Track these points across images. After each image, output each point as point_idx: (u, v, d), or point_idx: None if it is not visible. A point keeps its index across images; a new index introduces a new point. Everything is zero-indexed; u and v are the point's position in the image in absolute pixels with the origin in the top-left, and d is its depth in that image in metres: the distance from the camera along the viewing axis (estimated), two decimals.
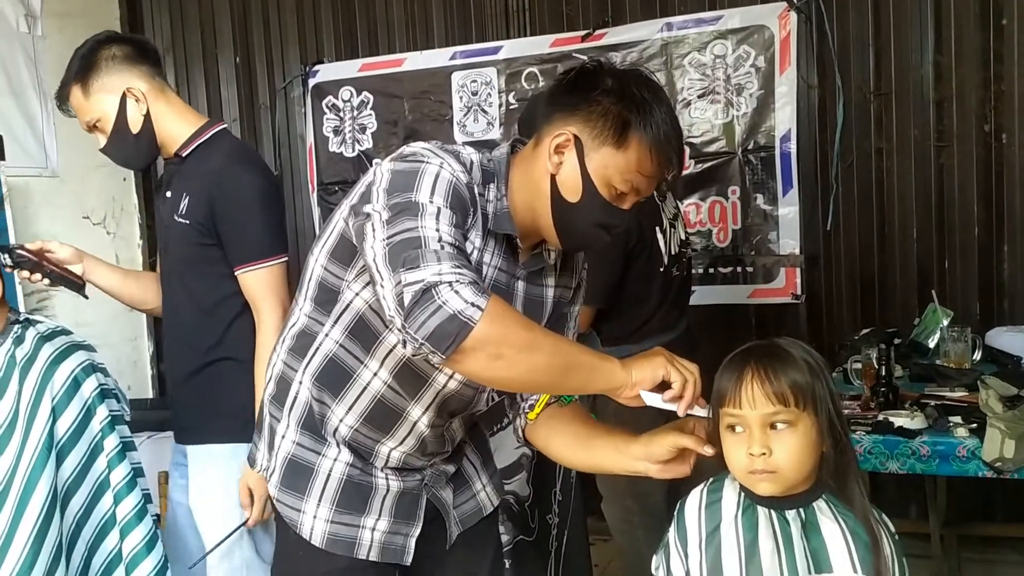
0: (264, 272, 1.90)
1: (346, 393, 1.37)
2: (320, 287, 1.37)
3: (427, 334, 1.10)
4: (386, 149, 3.56)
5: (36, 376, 1.83)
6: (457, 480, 1.55)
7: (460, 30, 3.45)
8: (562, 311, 1.53)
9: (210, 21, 3.86)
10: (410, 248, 1.15)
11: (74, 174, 3.70)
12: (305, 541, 1.40)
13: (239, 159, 1.94)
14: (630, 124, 1.27)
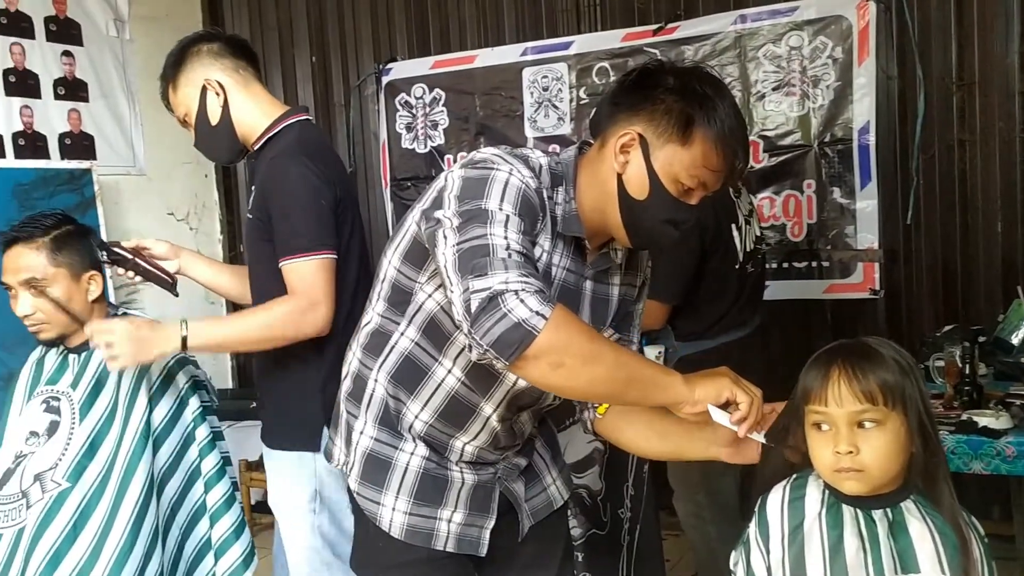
0: (302, 265, 1.79)
1: (421, 390, 1.41)
2: (393, 288, 1.41)
3: (492, 341, 1.13)
4: (457, 145, 3.60)
5: (134, 368, 1.91)
6: (528, 474, 1.58)
7: (531, 26, 3.47)
8: (627, 309, 1.54)
9: (287, 22, 3.96)
10: (479, 255, 1.18)
11: (159, 172, 3.84)
12: (384, 533, 1.44)
13: (293, 151, 1.88)
14: (694, 120, 1.28)
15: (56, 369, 1.98)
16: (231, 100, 1.93)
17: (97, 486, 1.81)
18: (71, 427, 1.88)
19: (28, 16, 3.32)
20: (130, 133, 3.72)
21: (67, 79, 3.46)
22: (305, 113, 1.99)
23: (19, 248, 1.88)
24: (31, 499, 1.80)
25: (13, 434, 1.94)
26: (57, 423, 1.89)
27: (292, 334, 1.80)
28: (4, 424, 1.99)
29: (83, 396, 1.90)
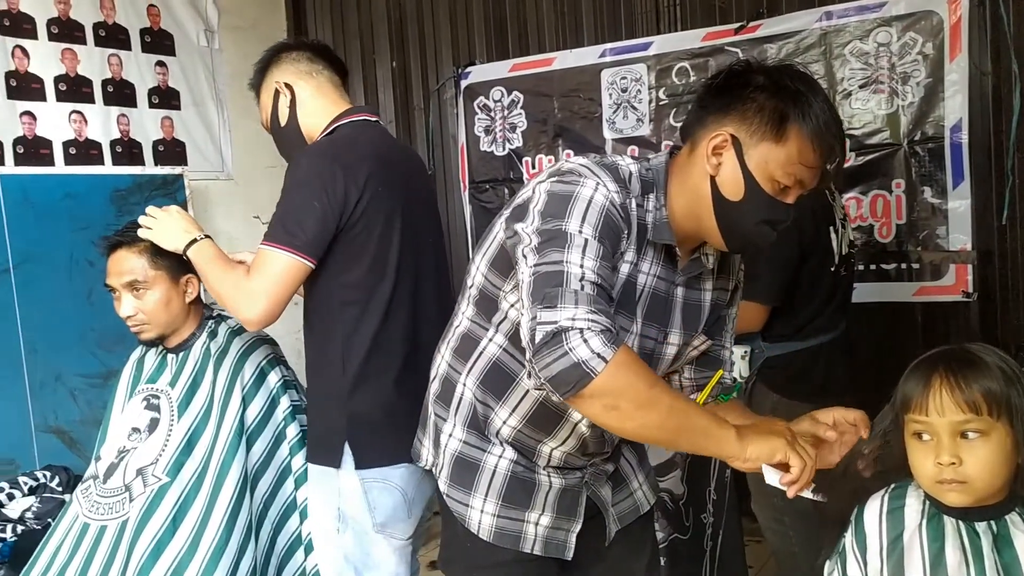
0: (267, 252, 1.69)
1: (509, 396, 1.42)
2: (481, 294, 1.43)
3: (550, 376, 1.16)
4: (536, 148, 3.62)
5: (228, 367, 1.98)
6: (615, 479, 1.58)
7: (610, 27, 3.46)
8: (719, 314, 1.53)
9: (368, 29, 4.03)
10: (552, 283, 1.19)
11: (245, 176, 3.95)
12: (473, 534, 1.46)
13: (313, 148, 1.83)
14: (788, 116, 1.26)
15: (156, 368, 2.06)
16: (299, 101, 1.94)
17: (194, 481, 1.88)
18: (170, 424, 1.95)
19: (125, 29, 3.46)
20: (218, 139, 3.84)
21: (160, 88, 3.60)
22: (366, 113, 1.94)
23: (122, 252, 1.96)
24: (133, 492, 1.88)
25: (116, 430, 2.02)
26: (157, 420, 1.97)
27: (230, 305, 1.75)
28: (108, 419, 2.08)
29: (181, 394, 1.98)
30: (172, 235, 1.85)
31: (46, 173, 3.08)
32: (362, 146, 1.84)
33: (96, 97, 3.36)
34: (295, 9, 4.18)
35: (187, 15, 3.69)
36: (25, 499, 2.65)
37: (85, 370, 3.07)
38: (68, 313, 3.03)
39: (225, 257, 1.83)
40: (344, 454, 1.78)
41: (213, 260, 1.80)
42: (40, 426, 2.93)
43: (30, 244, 2.95)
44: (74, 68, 3.28)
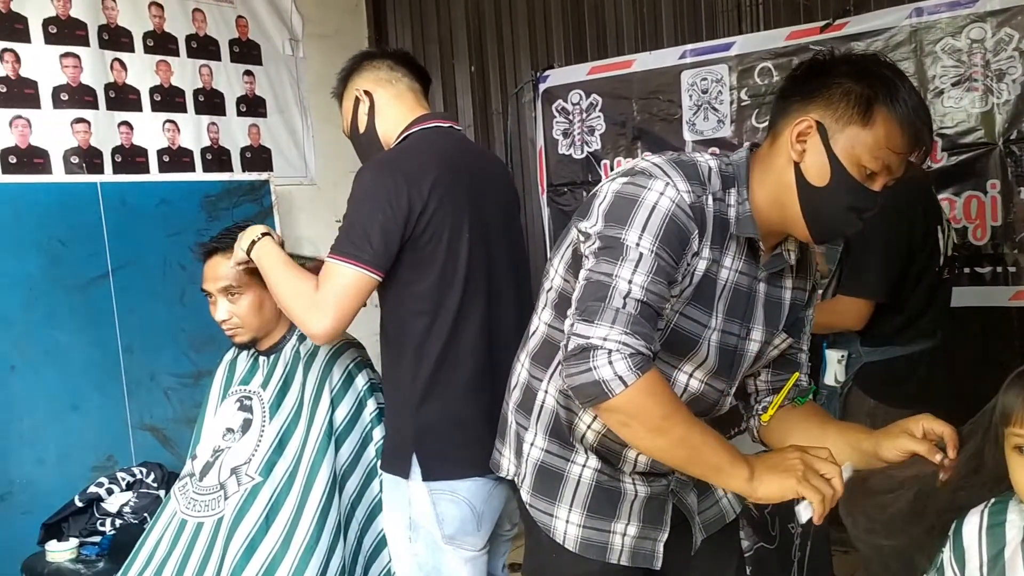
0: (335, 266, 1.69)
1: None
2: (560, 296, 1.43)
3: (572, 385, 1.21)
4: (614, 150, 3.60)
5: (318, 370, 2.02)
6: (700, 486, 1.55)
7: (690, 28, 3.42)
8: (797, 315, 1.50)
9: (448, 34, 4.07)
10: (596, 296, 1.21)
11: (328, 181, 4.04)
12: (558, 545, 1.46)
13: (378, 159, 1.82)
14: (875, 100, 1.23)
15: (248, 370, 2.12)
16: (377, 108, 1.94)
17: (286, 481, 1.93)
18: (262, 425, 2.01)
19: (215, 40, 3.58)
20: (303, 145, 3.94)
21: (248, 97, 3.71)
22: (438, 119, 1.93)
23: (217, 258, 2.03)
24: (228, 491, 1.94)
25: (211, 430, 2.09)
26: (250, 421, 2.03)
27: (296, 315, 1.75)
28: (202, 419, 2.16)
29: (272, 396, 2.03)
30: (240, 242, 1.89)
31: (142, 181, 3.21)
32: (429, 154, 1.82)
33: (188, 107, 3.48)
34: (376, 16, 4.25)
35: (273, 25, 3.80)
36: (123, 494, 2.75)
37: (178, 370, 3.19)
38: (162, 315, 3.15)
39: (292, 263, 1.83)
40: (412, 465, 1.78)
41: (278, 265, 1.81)
42: (136, 424, 3.05)
43: (127, 249, 3.07)
44: (168, 79, 3.41)
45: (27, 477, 2.76)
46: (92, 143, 3.15)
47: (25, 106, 2.98)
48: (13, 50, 2.96)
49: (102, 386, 2.98)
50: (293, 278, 1.78)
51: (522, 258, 2.01)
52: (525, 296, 1.96)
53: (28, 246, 2.85)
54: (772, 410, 1.51)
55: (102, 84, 3.19)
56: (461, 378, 1.80)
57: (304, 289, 1.73)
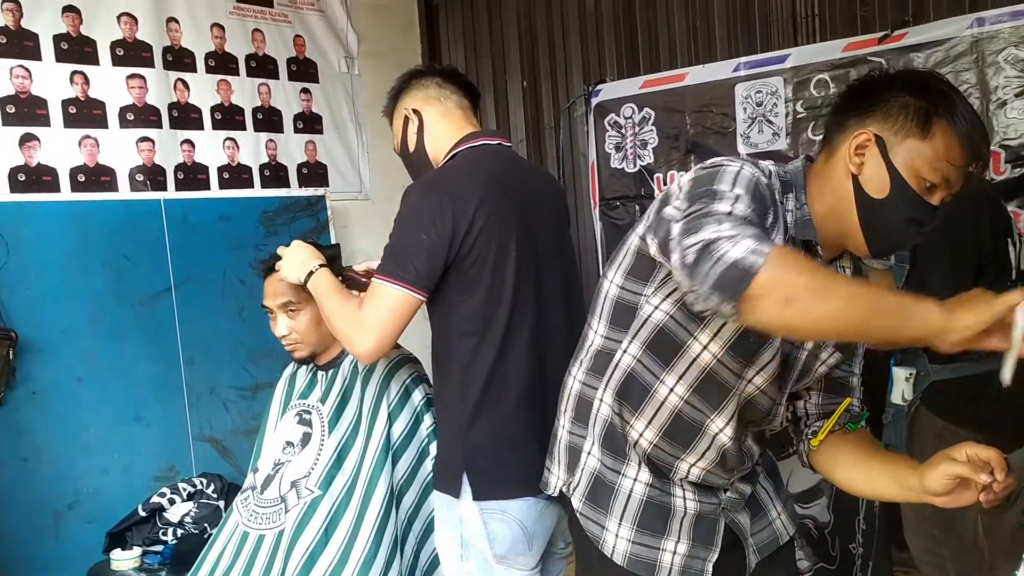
0: (380, 286, 1.71)
1: (644, 408, 1.42)
2: (616, 306, 1.43)
3: (712, 283, 1.09)
4: (667, 164, 3.59)
5: (375, 385, 2.05)
6: (753, 507, 1.54)
7: (744, 41, 3.40)
8: None
9: (500, 51, 4.11)
10: (697, 221, 1.17)
11: (382, 195, 4.09)
12: (607, 558, 1.46)
13: (422, 180, 1.85)
14: (933, 112, 1.25)
15: (307, 385, 2.16)
16: (426, 127, 1.95)
17: (344, 495, 1.96)
18: (321, 439, 2.04)
19: (274, 59, 3.66)
20: (357, 161, 4.00)
21: (305, 114, 3.78)
22: (486, 137, 1.92)
23: (277, 275, 2.07)
24: (288, 504, 1.98)
25: (271, 443, 2.13)
26: (309, 435, 2.06)
27: (342, 335, 1.78)
28: (263, 432, 2.20)
29: (331, 410, 2.06)
30: (295, 268, 1.93)
31: (203, 197, 3.28)
32: (475, 173, 1.81)
33: (247, 124, 3.56)
34: (430, 33, 4.30)
35: (330, 44, 3.87)
36: (184, 504, 2.82)
37: (236, 382, 3.25)
38: (222, 328, 3.22)
39: (341, 289, 1.87)
40: (463, 484, 1.78)
41: (330, 292, 1.84)
42: (197, 435, 3.12)
43: (189, 264, 3.15)
44: (228, 98, 3.49)
45: (93, 487, 2.84)
46: (156, 161, 3.24)
47: (94, 126, 3.08)
48: (83, 72, 3.06)
49: (164, 398, 3.05)
50: (341, 301, 1.81)
51: (572, 274, 2.00)
52: (576, 313, 1.95)
53: (95, 261, 2.93)
54: (822, 435, 1.50)
55: (166, 104, 3.28)
56: (510, 398, 1.80)
57: (349, 309, 1.77)
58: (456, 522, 1.82)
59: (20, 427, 2.69)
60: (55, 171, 2.99)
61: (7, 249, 2.73)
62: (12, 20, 2.89)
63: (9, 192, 2.86)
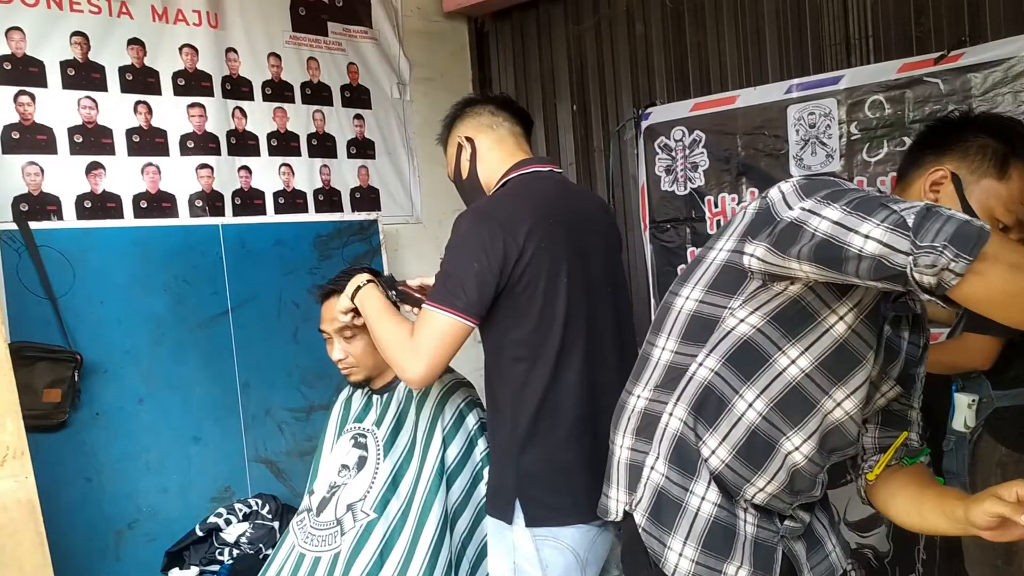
0: (430, 313, 1.74)
1: (720, 423, 1.40)
2: (692, 320, 1.43)
3: (948, 237, 1.05)
4: (718, 186, 3.57)
5: (430, 409, 2.07)
6: (809, 539, 1.53)
7: (796, 63, 3.38)
8: (909, 371, 1.48)
9: (550, 75, 4.14)
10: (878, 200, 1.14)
11: (433, 219, 4.13)
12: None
13: (474, 207, 1.87)
14: (1011, 156, 1.27)
15: (362, 408, 2.19)
16: (478, 154, 1.98)
17: (399, 518, 1.97)
18: (376, 462, 2.06)
19: (328, 86, 3.73)
20: (409, 185, 4.05)
21: (358, 139, 3.84)
22: (537, 164, 1.95)
23: (334, 300, 2.11)
24: (344, 527, 2.00)
25: (327, 466, 2.16)
26: (364, 458, 2.09)
27: (392, 359, 1.80)
28: (319, 455, 2.23)
29: (386, 434, 2.09)
30: (347, 289, 1.97)
31: (259, 222, 3.35)
32: (526, 200, 1.84)
33: (302, 150, 3.63)
34: (480, 59, 4.35)
35: (382, 71, 3.94)
36: (240, 524, 2.86)
37: (291, 404, 3.30)
38: (276, 351, 3.27)
39: (392, 310, 1.89)
40: (516, 511, 1.79)
41: (380, 312, 1.87)
42: (252, 456, 3.17)
43: (245, 288, 3.21)
44: (284, 125, 3.57)
45: (152, 506, 2.90)
46: (214, 187, 3.32)
47: (156, 154, 3.17)
48: (146, 102, 3.15)
49: (221, 419, 3.11)
50: (391, 324, 1.83)
51: (624, 300, 2.01)
52: (627, 338, 1.97)
53: (156, 285, 3.01)
54: (879, 468, 1.50)
55: (224, 131, 3.37)
56: (562, 424, 1.80)
57: (400, 334, 1.78)
58: (509, 548, 1.83)
59: (84, 447, 2.76)
60: (119, 198, 3.08)
61: (73, 274, 2.82)
62: (80, 53, 3.00)
63: (76, 219, 2.95)
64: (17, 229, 2.72)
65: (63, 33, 2.95)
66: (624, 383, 1.57)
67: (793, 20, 3.37)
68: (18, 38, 2.86)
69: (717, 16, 3.56)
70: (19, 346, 2.51)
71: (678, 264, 3.70)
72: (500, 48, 4.33)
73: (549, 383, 1.79)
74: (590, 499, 1.65)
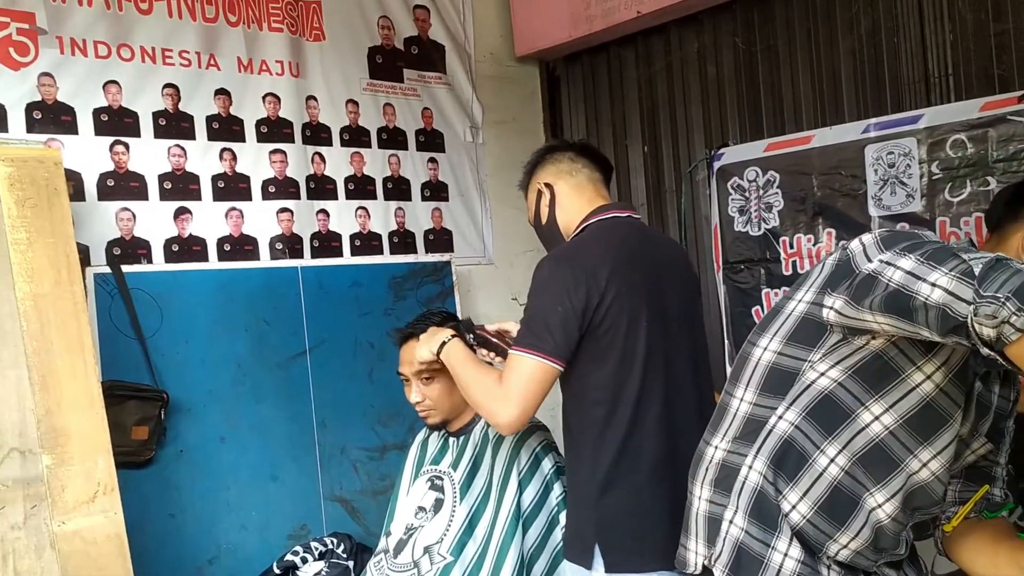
0: (518, 358, 1.77)
1: (801, 478, 1.37)
2: (771, 372, 1.41)
3: (1013, 289, 1.03)
4: (794, 227, 3.53)
5: (506, 452, 2.08)
6: None
7: (873, 102, 3.34)
8: (1000, 425, 1.44)
9: (621, 117, 4.16)
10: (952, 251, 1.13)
11: (504, 260, 4.17)
12: None
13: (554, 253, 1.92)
14: None
15: (439, 451, 2.21)
16: (558, 199, 2.02)
17: (475, 561, 1.98)
18: (453, 505, 2.08)
19: (403, 131, 3.82)
20: (481, 227, 4.10)
21: (431, 182, 3.91)
22: (616, 210, 1.98)
23: (412, 343, 2.14)
24: (421, 569, 2.01)
25: (404, 508, 2.18)
26: (441, 500, 2.10)
27: (482, 408, 1.82)
28: (396, 497, 2.25)
29: (462, 477, 2.10)
30: (430, 341, 2.00)
31: (336, 264, 3.43)
32: (606, 246, 1.87)
33: (378, 193, 3.72)
34: (551, 102, 4.41)
35: (456, 115, 4.02)
36: (316, 563, 2.89)
37: (365, 443, 3.34)
38: (352, 391, 3.33)
39: (476, 359, 1.92)
40: (595, 556, 1.78)
41: (465, 363, 1.90)
42: (327, 495, 3.21)
43: (322, 328, 3.28)
44: (360, 169, 3.66)
45: (232, 543, 2.96)
46: (294, 230, 3.42)
47: (239, 199, 3.28)
48: (231, 149, 3.28)
49: (298, 458, 3.17)
50: (478, 373, 1.86)
51: (702, 345, 2.01)
52: (704, 380, 1.97)
53: (238, 326, 3.10)
54: (956, 520, 1.46)
55: (304, 176, 3.47)
56: (642, 468, 1.80)
57: (488, 382, 1.81)
58: None
59: (169, 484, 2.84)
60: (204, 241, 3.19)
61: (161, 315, 2.92)
62: (171, 103, 3.14)
63: (164, 262, 3.07)
64: (110, 272, 2.84)
65: (156, 85, 3.10)
66: (702, 427, 1.57)
67: (870, 59, 3.34)
68: (115, 91, 3.01)
69: (791, 56, 3.54)
70: (110, 385, 2.61)
71: (752, 305, 3.65)
72: (571, 91, 4.38)
73: (629, 427, 1.80)
74: (670, 544, 1.63)
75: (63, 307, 2.27)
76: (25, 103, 2.81)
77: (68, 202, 2.39)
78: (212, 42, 3.23)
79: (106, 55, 2.98)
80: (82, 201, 2.89)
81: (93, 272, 2.82)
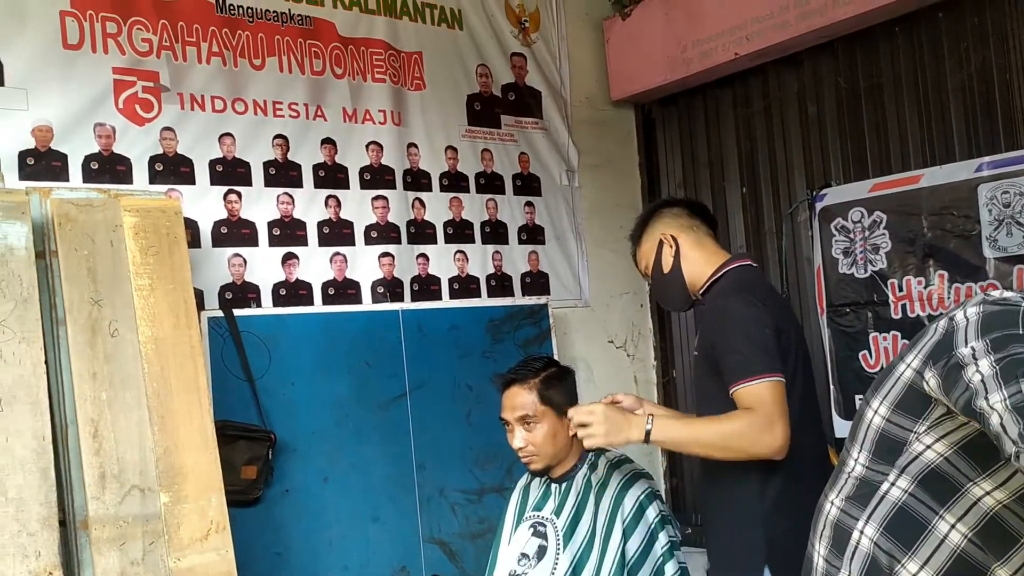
0: (755, 387, 1.84)
1: (920, 547, 1.31)
2: (881, 438, 1.36)
3: None
4: (903, 269, 3.41)
5: (609, 500, 2.06)
6: None
7: (985, 140, 3.22)
8: None
9: (718, 160, 4.13)
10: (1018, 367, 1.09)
11: (600, 302, 4.16)
12: None
13: (732, 288, 2.03)
14: None
15: (541, 497, 2.20)
16: (682, 251, 2.13)
17: None
18: (556, 552, 2.06)
19: (500, 176, 3.88)
20: (577, 269, 4.11)
21: (528, 226, 3.95)
22: (747, 259, 2.14)
23: (515, 388, 2.15)
24: None
25: (506, 555, 2.17)
26: (544, 547, 2.09)
27: (747, 447, 1.82)
28: (498, 543, 2.24)
29: (566, 523, 2.09)
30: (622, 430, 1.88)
31: (435, 307, 3.49)
32: (763, 284, 2.12)
33: (476, 237, 3.77)
34: (647, 145, 4.41)
35: (552, 159, 4.06)
36: None
37: (463, 486, 3.35)
38: (450, 433, 3.35)
39: (688, 418, 2.05)
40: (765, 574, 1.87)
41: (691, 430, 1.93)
42: (426, 537, 3.23)
43: (422, 371, 3.32)
44: (459, 214, 3.73)
45: None
46: (395, 274, 3.50)
47: (343, 244, 3.38)
48: (336, 196, 3.39)
49: (397, 499, 3.20)
50: (710, 430, 1.89)
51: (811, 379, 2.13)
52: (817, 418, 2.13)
53: (341, 368, 3.17)
54: None
55: (404, 221, 3.55)
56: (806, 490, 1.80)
57: (734, 427, 1.84)
58: None
59: (275, 523, 2.91)
60: (310, 285, 3.29)
61: (269, 357, 3.02)
62: (281, 153, 3.27)
63: (272, 305, 3.17)
64: (223, 316, 2.95)
65: (267, 136, 3.24)
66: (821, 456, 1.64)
67: (980, 95, 3.23)
68: (229, 143, 3.15)
69: (897, 94, 3.46)
70: (221, 425, 2.70)
71: (859, 350, 3.53)
72: (667, 133, 4.37)
73: (794, 451, 1.86)
74: None
75: (181, 350, 2.37)
76: (148, 156, 2.98)
77: (186, 249, 2.51)
78: (319, 94, 3.36)
79: (222, 109, 3.14)
80: (197, 248, 3.02)
81: (207, 316, 2.94)
